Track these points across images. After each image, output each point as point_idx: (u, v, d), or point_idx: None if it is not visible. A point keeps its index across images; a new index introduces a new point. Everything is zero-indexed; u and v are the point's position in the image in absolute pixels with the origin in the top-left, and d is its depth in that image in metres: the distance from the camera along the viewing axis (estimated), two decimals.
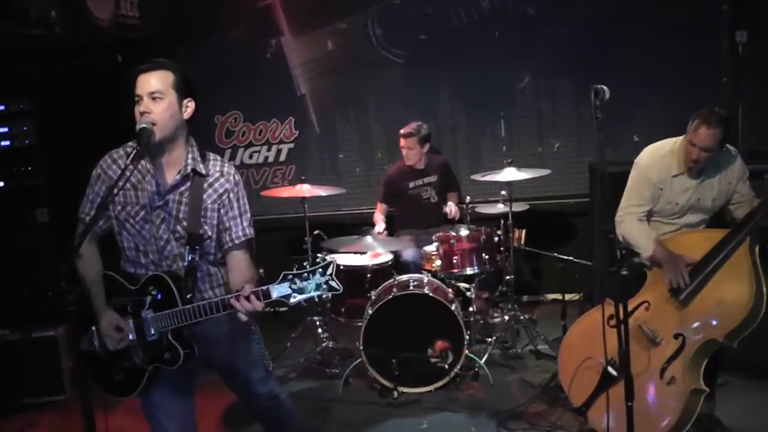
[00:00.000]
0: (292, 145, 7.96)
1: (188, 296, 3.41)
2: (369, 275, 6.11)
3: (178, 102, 3.41)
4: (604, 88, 3.62)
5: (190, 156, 3.49)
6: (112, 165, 3.50)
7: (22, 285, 6.42)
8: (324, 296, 3.17)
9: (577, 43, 7.36)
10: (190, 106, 3.47)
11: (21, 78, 6.41)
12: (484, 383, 5.74)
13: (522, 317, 6.44)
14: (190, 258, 3.46)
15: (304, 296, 3.13)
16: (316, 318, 6.52)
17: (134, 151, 3.30)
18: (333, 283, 3.11)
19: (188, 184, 3.47)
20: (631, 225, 4.68)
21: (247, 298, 3.19)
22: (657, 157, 4.70)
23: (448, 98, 7.73)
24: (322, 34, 7.77)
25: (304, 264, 3.13)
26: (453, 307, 5.65)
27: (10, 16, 4.88)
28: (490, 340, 6.19)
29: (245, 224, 3.57)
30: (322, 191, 6.64)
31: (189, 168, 3.47)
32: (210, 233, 3.50)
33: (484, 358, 5.88)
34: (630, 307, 4.25)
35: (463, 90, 7.69)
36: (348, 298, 6.14)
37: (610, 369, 4.21)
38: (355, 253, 6.23)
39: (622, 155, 6.60)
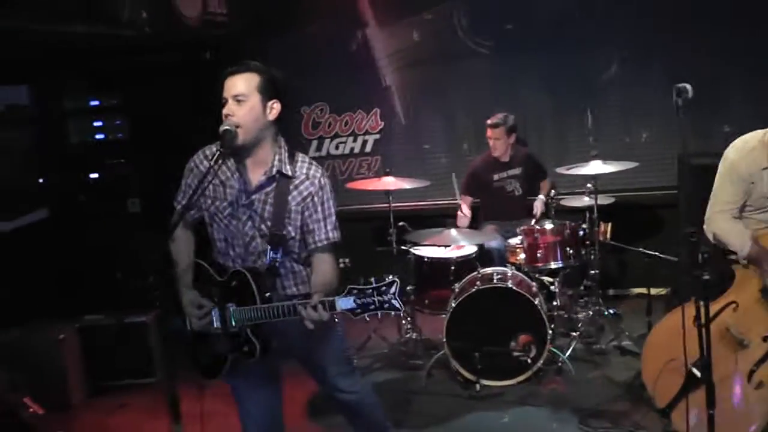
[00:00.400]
0: (377, 136, 8.00)
1: (267, 294, 3.46)
2: (453, 267, 6.09)
3: (262, 104, 3.45)
4: (687, 86, 3.55)
5: (276, 157, 3.54)
6: (204, 160, 3.60)
7: (116, 272, 6.67)
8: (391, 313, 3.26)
9: (664, 31, 7.15)
10: (275, 108, 3.50)
11: (113, 75, 6.64)
12: (566, 378, 5.71)
13: (607, 312, 6.36)
14: (272, 256, 3.52)
15: (366, 312, 3.21)
16: None
17: (218, 152, 3.38)
18: (395, 302, 3.18)
19: (273, 185, 3.53)
20: (723, 224, 4.47)
21: (314, 307, 3.25)
22: (746, 150, 4.45)
23: (534, 89, 7.62)
24: (407, 25, 7.77)
25: (370, 279, 3.20)
26: (536, 301, 5.63)
27: (102, 17, 5.04)
28: (573, 334, 6.13)
29: (329, 228, 3.59)
30: (406, 184, 6.62)
31: (274, 169, 3.52)
32: (294, 234, 3.55)
33: (568, 353, 5.85)
34: (717, 308, 4.20)
35: (549, 80, 7.56)
36: (432, 290, 6.17)
37: (694, 370, 4.14)
38: (439, 245, 6.22)
39: (712, 146, 6.39)
